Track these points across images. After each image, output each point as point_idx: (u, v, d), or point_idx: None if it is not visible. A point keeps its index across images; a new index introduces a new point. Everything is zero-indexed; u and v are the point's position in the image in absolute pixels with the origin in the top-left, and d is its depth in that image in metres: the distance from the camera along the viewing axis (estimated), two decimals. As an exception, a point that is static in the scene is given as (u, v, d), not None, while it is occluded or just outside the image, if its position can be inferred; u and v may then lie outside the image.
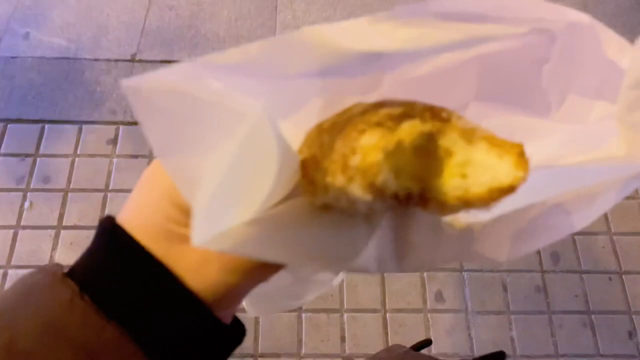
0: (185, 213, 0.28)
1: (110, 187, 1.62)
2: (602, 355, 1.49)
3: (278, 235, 0.25)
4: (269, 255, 0.25)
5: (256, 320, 1.45)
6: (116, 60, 1.85)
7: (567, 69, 0.29)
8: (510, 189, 0.23)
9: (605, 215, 1.63)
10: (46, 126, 1.71)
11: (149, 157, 1.66)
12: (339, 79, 0.26)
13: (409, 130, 0.24)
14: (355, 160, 0.23)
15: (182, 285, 0.28)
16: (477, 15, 0.25)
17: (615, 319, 1.53)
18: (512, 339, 1.49)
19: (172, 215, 0.28)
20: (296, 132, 0.27)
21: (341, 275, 0.53)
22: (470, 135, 0.25)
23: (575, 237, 1.60)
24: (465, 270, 1.55)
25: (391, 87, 0.28)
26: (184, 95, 0.22)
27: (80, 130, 1.71)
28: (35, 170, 1.65)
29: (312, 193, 0.26)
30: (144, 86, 0.22)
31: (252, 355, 1.42)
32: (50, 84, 1.79)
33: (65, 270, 0.29)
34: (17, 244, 1.55)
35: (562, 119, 0.30)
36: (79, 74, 1.81)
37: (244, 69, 0.24)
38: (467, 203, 0.25)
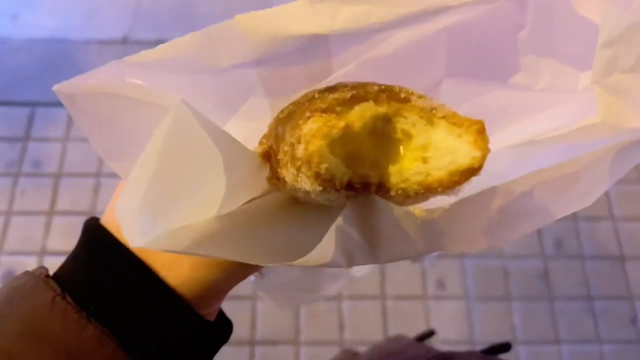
0: None
1: (102, 173, 1.58)
2: (604, 342, 1.48)
3: (239, 232, 0.24)
4: (228, 253, 0.24)
5: (253, 307, 1.42)
6: (107, 42, 1.80)
7: (545, 35, 0.26)
8: (470, 171, 0.22)
9: (609, 201, 1.62)
10: (36, 109, 1.67)
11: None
12: (280, 67, 0.25)
13: (360, 114, 0.22)
14: (300, 150, 0.21)
15: (161, 282, 0.28)
16: None
17: (617, 305, 1.52)
18: (513, 326, 1.48)
19: None
20: (250, 125, 0.26)
21: (362, 268, 0.52)
22: (430, 115, 0.23)
23: (579, 223, 1.59)
24: (467, 257, 1.53)
25: (349, 71, 0.26)
26: (111, 96, 0.22)
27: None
28: (26, 154, 1.61)
29: (276, 186, 0.25)
30: (75, 91, 0.22)
31: (249, 343, 1.39)
32: (39, 66, 1.74)
33: (51, 273, 0.30)
34: (9, 230, 1.52)
35: (546, 89, 0.27)
36: (69, 56, 1.76)
37: (176, 65, 0.23)
38: (429, 189, 0.23)
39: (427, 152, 0.23)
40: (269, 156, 0.24)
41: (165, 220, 0.21)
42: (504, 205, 0.27)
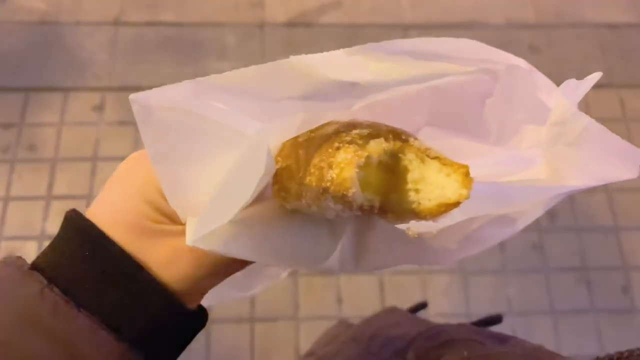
0: (157, 210, 0.31)
1: (98, 156, 1.59)
2: (597, 311, 1.50)
3: (255, 237, 0.29)
4: (250, 255, 0.29)
5: (252, 285, 1.44)
6: (98, 24, 1.78)
7: (506, 104, 0.34)
8: (455, 204, 0.27)
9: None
10: (30, 94, 1.66)
11: (136, 125, 1.62)
12: (319, 102, 0.30)
13: (376, 148, 0.27)
14: (331, 174, 0.26)
15: (152, 276, 0.30)
16: (438, 54, 0.31)
17: (610, 275, 1.54)
18: (508, 298, 1.50)
19: (144, 212, 0.30)
20: (272, 139, 0.31)
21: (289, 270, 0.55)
22: (423, 155, 0.28)
23: (573, 195, 1.60)
24: (461, 231, 1.55)
25: (359, 109, 0.32)
26: (188, 112, 0.26)
27: (64, 98, 1.66)
28: (21, 139, 1.61)
29: (284, 198, 0.29)
30: (150, 102, 0.25)
31: (249, 320, 1.42)
32: (31, 50, 1.73)
33: (30, 264, 0.30)
34: (8, 215, 1.53)
35: (498, 144, 0.35)
36: (60, 39, 1.75)
37: (239, 91, 0.28)
38: (419, 215, 0.28)
39: (419, 184, 0.28)
40: (281, 172, 0.29)
41: (203, 227, 0.27)
42: (475, 229, 0.34)
